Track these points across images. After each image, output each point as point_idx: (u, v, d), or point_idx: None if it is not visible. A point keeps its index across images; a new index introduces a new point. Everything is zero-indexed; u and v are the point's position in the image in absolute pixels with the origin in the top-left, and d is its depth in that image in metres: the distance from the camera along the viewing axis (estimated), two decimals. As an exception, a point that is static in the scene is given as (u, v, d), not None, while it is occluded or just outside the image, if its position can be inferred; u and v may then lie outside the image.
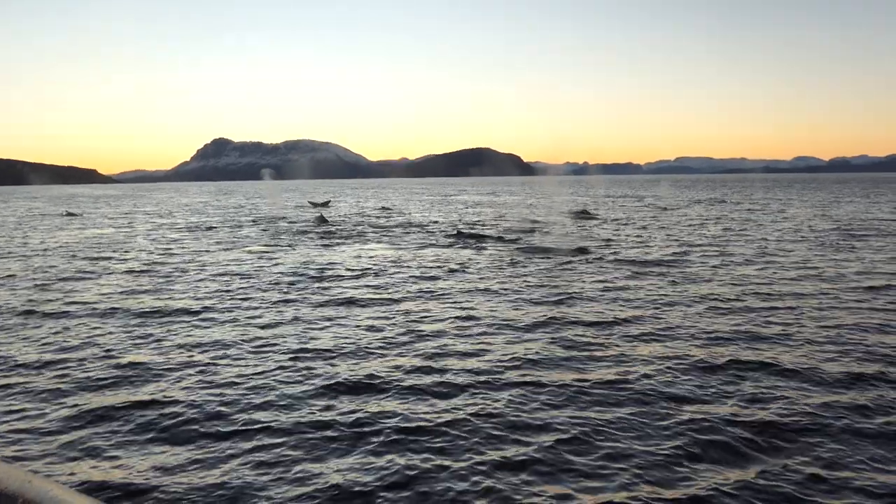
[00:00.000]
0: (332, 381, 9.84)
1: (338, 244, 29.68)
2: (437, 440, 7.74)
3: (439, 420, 8.32)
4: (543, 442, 7.63)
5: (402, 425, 8.14)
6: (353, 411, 8.66)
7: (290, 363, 10.84)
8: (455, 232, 34.52)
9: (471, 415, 8.48)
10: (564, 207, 60.87)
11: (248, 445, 7.64)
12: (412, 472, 6.94)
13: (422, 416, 8.47)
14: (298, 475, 6.92)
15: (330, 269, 21.37)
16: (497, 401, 8.98)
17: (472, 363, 10.71)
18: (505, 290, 17.28)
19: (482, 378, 9.94)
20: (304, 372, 10.37)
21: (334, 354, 11.32)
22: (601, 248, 26.27)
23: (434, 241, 30.17)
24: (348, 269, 21.35)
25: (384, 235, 33.83)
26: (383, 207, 65.66)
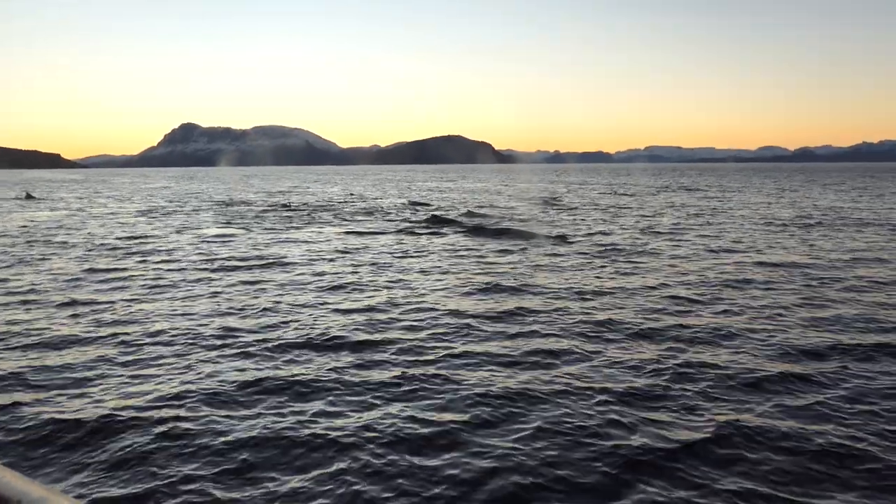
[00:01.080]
0: (252, 378, 9.17)
1: (294, 229, 28.89)
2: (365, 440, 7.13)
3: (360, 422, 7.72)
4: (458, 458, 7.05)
5: (330, 428, 7.51)
6: (278, 411, 8.01)
7: (213, 352, 10.15)
8: (414, 218, 34.01)
9: (394, 416, 7.88)
10: (532, 194, 60.63)
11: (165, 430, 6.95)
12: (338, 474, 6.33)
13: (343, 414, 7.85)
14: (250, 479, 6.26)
15: (276, 255, 20.62)
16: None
17: (412, 356, 10.13)
18: (457, 277, 16.73)
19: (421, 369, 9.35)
20: (232, 362, 9.69)
21: (257, 346, 10.64)
22: (564, 233, 25.86)
23: (391, 228, 29.55)
24: (297, 255, 20.62)
25: (343, 221, 33.13)
26: (350, 194, 64.79)
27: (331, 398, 8.33)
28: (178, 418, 7.63)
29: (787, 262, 18.69)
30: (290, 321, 12.14)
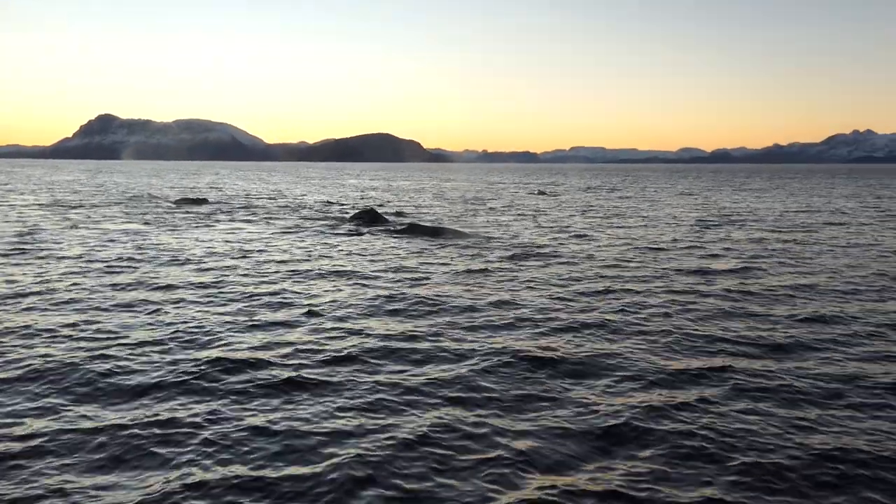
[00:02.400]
0: (134, 382, 8.76)
1: (202, 227, 27.98)
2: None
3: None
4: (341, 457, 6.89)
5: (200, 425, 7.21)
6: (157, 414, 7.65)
7: (95, 354, 9.66)
8: (333, 216, 33.58)
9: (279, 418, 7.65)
10: (458, 194, 60.79)
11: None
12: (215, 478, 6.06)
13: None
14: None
15: (179, 253, 19.89)
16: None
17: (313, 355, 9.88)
18: (365, 278, 16.51)
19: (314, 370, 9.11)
20: (107, 365, 9.22)
21: (143, 346, 10.19)
22: (488, 234, 26.00)
23: (308, 227, 29.05)
24: (196, 254, 19.94)
25: (258, 218, 32.35)
26: (271, 190, 63.49)
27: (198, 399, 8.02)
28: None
29: (697, 267, 19.16)
30: (169, 326, 11.67)
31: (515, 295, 14.11)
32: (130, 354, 9.84)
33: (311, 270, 17.21)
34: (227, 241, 22.99)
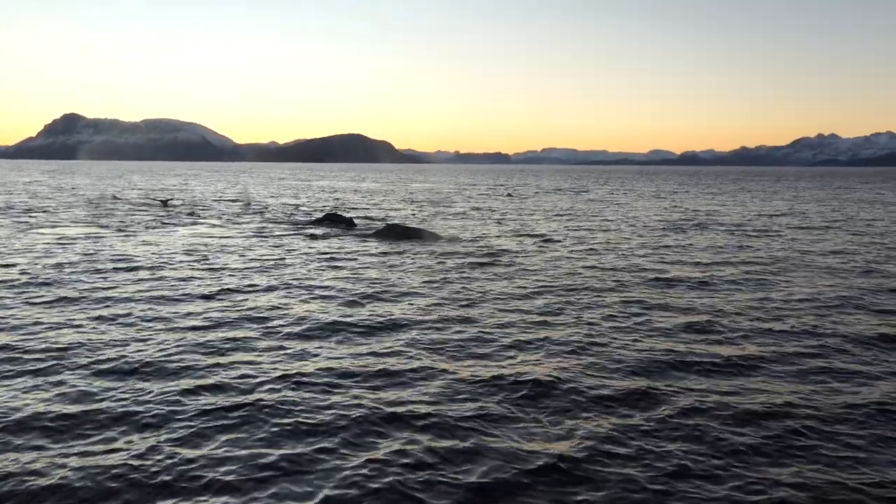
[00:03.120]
0: (58, 412, 8.24)
1: (164, 231, 27.22)
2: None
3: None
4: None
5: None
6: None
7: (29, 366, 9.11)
8: (299, 219, 33.04)
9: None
10: (428, 196, 60.40)
11: None
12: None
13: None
14: None
15: (131, 260, 19.20)
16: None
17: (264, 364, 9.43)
18: (324, 282, 16.06)
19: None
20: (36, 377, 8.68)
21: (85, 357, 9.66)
22: (455, 236, 25.74)
23: (273, 230, 28.44)
24: (156, 259, 19.29)
25: (221, 222, 31.62)
26: (240, 192, 62.53)
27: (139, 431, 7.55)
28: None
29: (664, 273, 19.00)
30: (110, 346, 11.14)
31: (476, 309, 13.69)
32: (58, 380, 9.30)
33: (270, 278, 16.69)
34: (184, 247, 22.31)
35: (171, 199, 46.22)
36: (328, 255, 20.82)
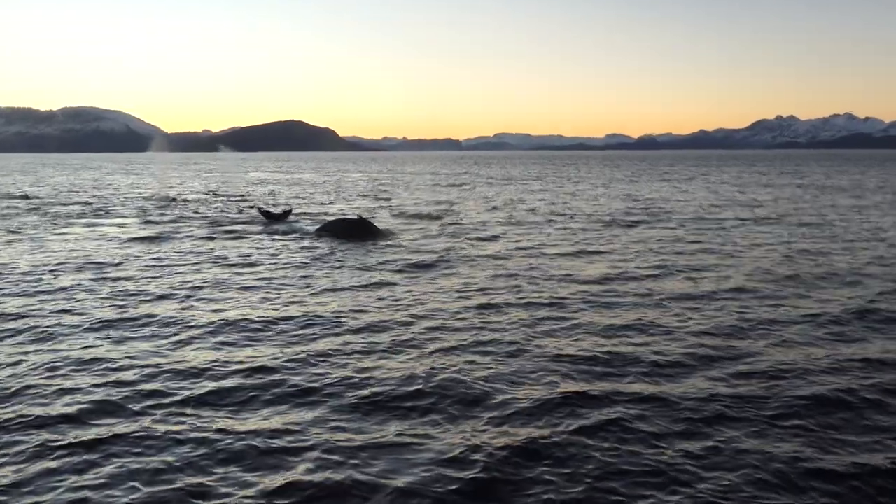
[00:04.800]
0: None
1: (62, 232, 25.77)
2: None
3: None
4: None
5: None
6: None
7: None
8: (222, 216, 31.95)
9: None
10: (364, 186, 59.49)
11: None
12: None
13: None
14: None
15: (6, 268, 17.94)
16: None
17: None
18: (246, 286, 15.17)
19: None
20: None
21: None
22: (389, 231, 25.20)
23: (188, 230, 27.22)
24: (44, 267, 18.04)
25: (132, 220, 30.25)
26: (161, 185, 60.70)
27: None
28: None
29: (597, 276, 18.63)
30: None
31: (414, 310, 13.22)
32: None
33: (182, 283, 15.76)
34: (84, 251, 21.09)
35: (85, 198, 44.24)
36: (250, 255, 20.10)
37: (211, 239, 24.27)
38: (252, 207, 36.10)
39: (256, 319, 12.55)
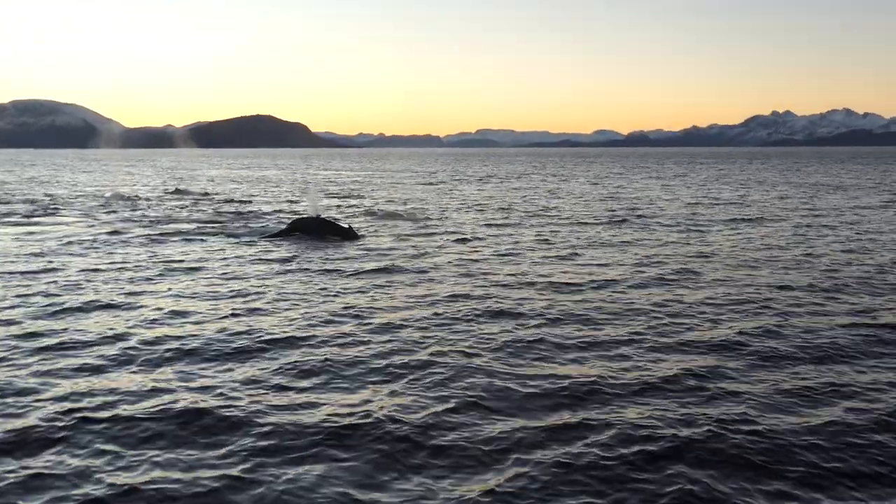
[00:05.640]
0: None
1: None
2: None
3: None
4: None
5: None
6: None
7: None
8: (177, 217, 31.23)
9: None
10: (329, 186, 58.83)
11: None
12: None
13: None
14: None
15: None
16: None
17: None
18: (197, 294, 14.56)
19: None
20: None
21: None
22: (356, 231, 24.65)
23: (127, 231, 26.48)
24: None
25: (73, 220, 29.38)
26: (114, 182, 59.67)
27: None
28: None
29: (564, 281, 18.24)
30: None
31: (369, 322, 12.68)
32: None
33: (118, 290, 15.11)
34: (16, 253, 20.31)
35: (30, 196, 43.24)
36: (197, 259, 19.52)
37: (158, 241, 23.57)
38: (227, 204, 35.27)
39: (189, 336, 11.93)
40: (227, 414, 8.42)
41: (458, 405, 8.71)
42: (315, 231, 23.99)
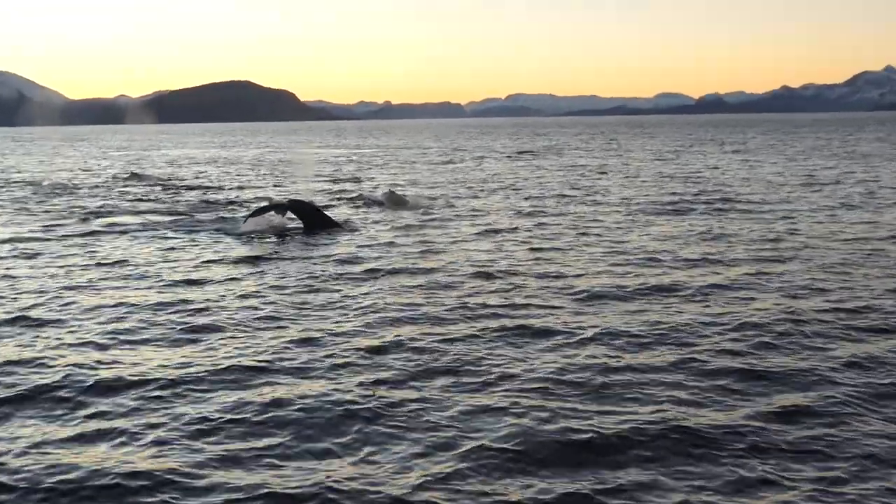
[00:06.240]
0: None
1: None
2: None
3: None
4: None
5: None
6: None
7: None
8: (104, 208, 31.53)
9: None
10: (318, 168, 59.02)
11: None
12: None
13: None
14: None
15: None
16: None
17: None
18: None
19: None
20: None
21: None
22: (349, 224, 25.21)
23: (57, 227, 26.71)
24: None
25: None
26: (44, 169, 60.25)
27: None
28: None
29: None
30: None
31: (345, 328, 12.78)
32: None
33: (44, 300, 15.19)
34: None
35: None
36: (141, 259, 19.69)
37: (96, 235, 24.14)
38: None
39: (117, 368, 11.90)
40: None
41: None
42: (302, 217, 24.45)
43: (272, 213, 25.06)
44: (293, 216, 24.86)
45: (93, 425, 9.15)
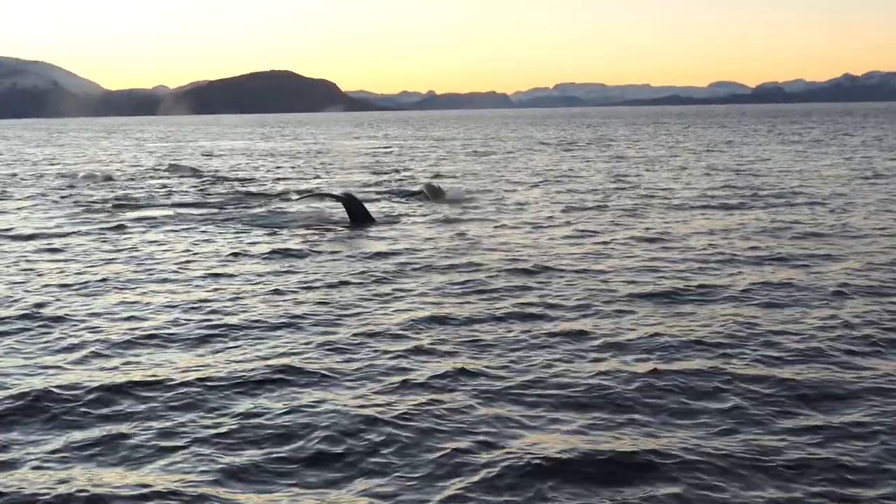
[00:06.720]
0: None
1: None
2: None
3: None
4: None
5: None
6: None
7: None
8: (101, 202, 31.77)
9: None
10: (357, 161, 59.40)
11: None
12: None
13: None
14: None
15: None
16: None
17: None
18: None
19: None
20: None
21: None
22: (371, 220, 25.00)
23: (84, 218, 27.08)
24: None
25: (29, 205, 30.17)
26: (83, 160, 61.17)
27: None
28: None
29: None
30: None
31: (404, 348, 12.30)
32: None
33: (66, 305, 15.35)
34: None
35: None
36: (183, 253, 19.99)
37: (125, 228, 24.58)
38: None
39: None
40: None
41: None
42: (349, 211, 25.03)
43: (323, 200, 25.76)
44: (339, 206, 25.54)
45: (106, 431, 9.20)
